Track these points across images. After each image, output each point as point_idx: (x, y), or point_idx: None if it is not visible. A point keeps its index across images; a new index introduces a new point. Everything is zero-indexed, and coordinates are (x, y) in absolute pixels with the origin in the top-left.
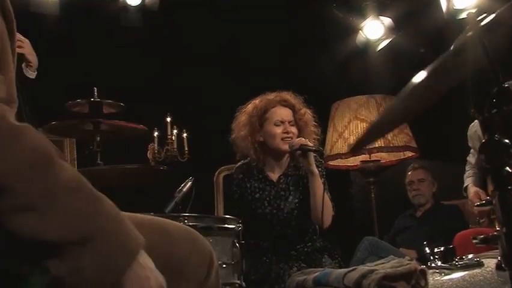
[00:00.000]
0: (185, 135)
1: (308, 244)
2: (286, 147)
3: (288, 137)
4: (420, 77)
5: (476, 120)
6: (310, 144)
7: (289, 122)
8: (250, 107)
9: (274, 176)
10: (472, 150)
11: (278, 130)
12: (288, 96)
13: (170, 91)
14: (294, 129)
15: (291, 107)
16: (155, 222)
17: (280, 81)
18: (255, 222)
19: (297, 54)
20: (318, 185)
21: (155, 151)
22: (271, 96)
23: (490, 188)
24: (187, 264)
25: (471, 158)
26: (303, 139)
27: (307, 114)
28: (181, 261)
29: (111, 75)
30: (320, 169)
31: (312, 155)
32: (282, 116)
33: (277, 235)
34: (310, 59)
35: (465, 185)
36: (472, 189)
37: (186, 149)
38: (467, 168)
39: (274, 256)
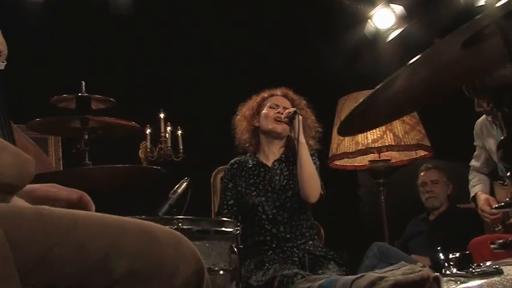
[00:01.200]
0: (180, 132)
1: (309, 239)
2: (278, 129)
3: (281, 118)
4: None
5: (482, 117)
6: (293, 109)
7: (285, 108)
8: (253, 96)
9: (268, 161)
10: (476, 153)
11: (272, 112)
12: (290, 91)
13: (164, 85)
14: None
15: (291, 99)
16: (143, 229)
17: (284, 75)
18: (249, 212)
19: (300, 45)
20: (305, 153)
21: (148, 150)
22: (274, 89)
23: (499, 193)
24: (176, 276)
25: (475, 162)
26: (292, 108)
27: (308, 110)
28: (170, 271)
29: (100, 68)
30: (313, 158)
31: (297, 122)
32: (278, 102)
33: (272, 225)
34: (315, 51)
35: (472, 194)
36: (482, 197)
37: (181, 147)
38: (471, 176)
39: (277, 262)
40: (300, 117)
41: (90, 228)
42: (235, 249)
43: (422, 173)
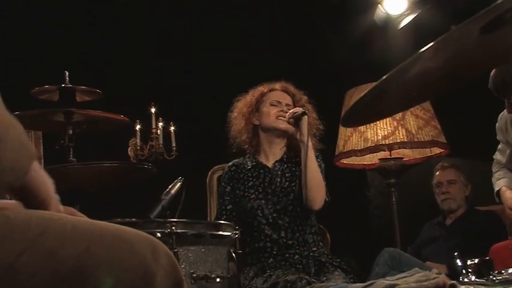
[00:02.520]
0: (172, 128)
1: (313, 245)
2: (282, 125)
3: (284, 117)
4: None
5: (505, 110)
6: (301, 109)
7: (286, 105)
8: (250, 91)
9: (268, 162)
10: (500, 146)
11: (274, 110)
12: (289, 85)
13: (156, 76)
14: None
15: (291, 94)
16: (118, 235)
17: (285, 66)
18: (248, 216)
19: (303, 33)
20: (312, 159)
21: (138, 147)
22: (273, 82)
23: None
24: (152, 286)
25: (499, 156)
26: (298, 108)
27: (309, 106)
28: (146, 281)
29: (85, 57)
30: (318, 160)
31: (304, 124)
32: (279, 98)
33: (273, 230)
34: (319, 39)
35: (497, 188)
36: (509, 194)
37: (174, 144)
38: (495, 168)
39: (279, 269)
40: (306, 117)
41: (61, 235)
42: (234, 255)
43: (437, 173)
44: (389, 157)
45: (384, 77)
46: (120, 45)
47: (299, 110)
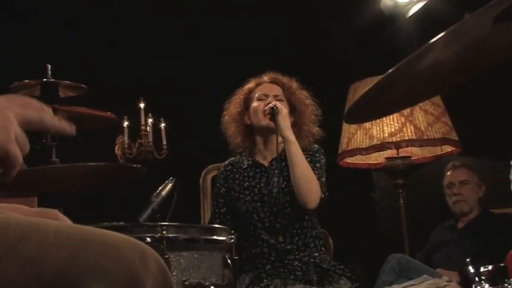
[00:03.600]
0: (163, 125)
1: (314, 251)
2: (265, 122)
3: None
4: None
5: None
6: (277, 104)
7: (275, 96)
8: (238, 90)
9: (265, 161)
10: None
11: (261, 105)
12: (278, 74)
13: (144, 69)
14: (282, 104)
15: (281, 84)
16: (104, 240)
17: (285, 58)
18: (243, 219)
19: (303, 23)
20: (295, 152)
21: (125, 146)
22: (260, 76)
23: None
24: None
25: None
26: (274, 102)
27: (302, 92)
28: None
29: (69, 49)
30: (317, 155)
31: (283, 116)
32: (266, 90)
33: (270, 234)
34: (321, 29)
35: None
36: None
37: (164, 143)
38: None
39: (277, 278)
40: (285, 110)
41: (42, 240)
42: (229, 261)
43: (448, 172)
44: (396, 156)
45: (391, 69)
46: (106, 36)
47: (273, 104)
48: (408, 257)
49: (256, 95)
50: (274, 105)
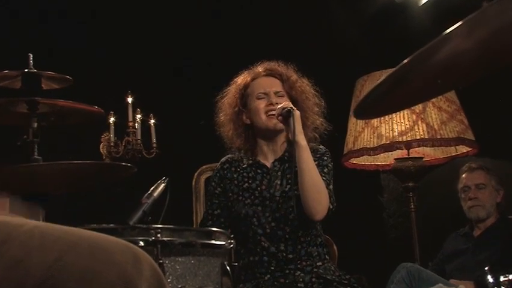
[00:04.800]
0: (152, 121)
1: (317, 260)
2: (273, 123)
3: (274, 110)
4: None
5: None
6: (290, 105)
7: (275, 93)
8: (232, 85)
9: (267, 161)
10: None
11: (261, 104)
12: (274, 65)
13: (133, 61)
14: (283, 101)
15: (278, 76)
16: (94, 242)
17: (286, 49)
18: (241, 225)
19: (307, 12)
20: (307, 158)
21: (111, 144)
22: (254, 67)
23: None
24: None
25: None
26: (286, 102)
27: (302, 81)
28: None
29: (52, 39)
30: (324, 158)
31: (297, 119)
32: (265, 87)
33: (271, 242)
34: (325, 18)
35: None
36: None
37: (154, 141)
38: None
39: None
40: (298, 113)
41: (27, 243)
42: (228, 268)
43: (464, 175)
44: (407, 157)
45: (404, 61)
46: (92, 24)
47: (286, 105)
48: (419, 267)
49: (255, 93)
50: (291, 108)
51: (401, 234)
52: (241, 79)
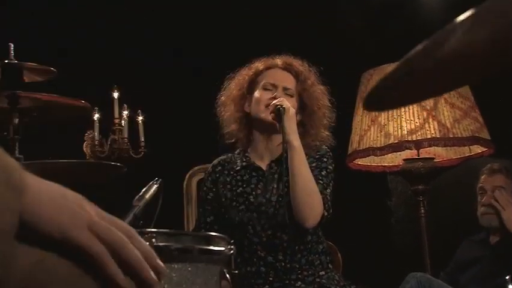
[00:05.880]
0: (140, 118)
1: (320, 269)
2: (269, 117)
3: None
4: None
5: None
6: (285, 104)
7: (284, 89)
8: (244, 68)
9: (263, 163)
10: None
11: (265, 95)
12: (294, 61)
13: (120, 53)
14: (290, 101)
15: (294, 73)
16: None
17: (287, 41)
18: (236, 232)
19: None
20: (299, 160)
21: (96, 142)
22: (273, 57)
23: None
24: None
25: None
26: (282, 98)
27: (318, 88)
28: None
29: (34, 28)
30: (324, 159)
31: (289, 117)
32: (276, 79)
33: (268, 251)
34: (328, 7)
35: None
36: None
37: (142, 139)
38: None
39: None
40: (292, 110)
41: None
42: (228, 276)
43: (482, 177)
44: (416, 157)
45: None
46: (76, 12)
47: (282, 103)
48: (430, 277)
49: (263, 81)
50: (281, 106)
51: (410, 241)
52: (255, 64)
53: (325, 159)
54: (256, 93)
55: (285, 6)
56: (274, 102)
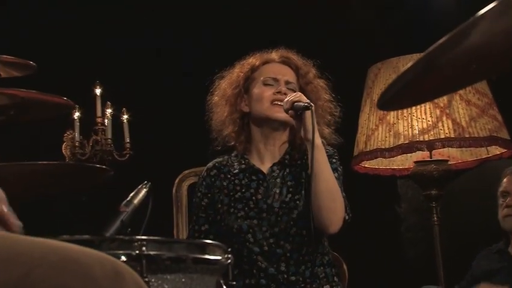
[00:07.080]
0: (125, 117)
1: (325, 282)
2: (279, 114)
3: (282, 100)
4: None
5: None
6: (305, 100)
7: (286, 83)
8: (237, 66)
9: (263, 165)
10: None
11: (268, 91)
12: (292, 54)
13: (102, 46)
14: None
15: (294, 67)
16: (69, 256)
17: (286, 32)
18: (234, 241)
19: None
20: (323, 161)
21: (76, 144)
22: (267, 52)
23: None
24: None
25: None
26: (298, 93)
27: (318, 82)
28: None
29: (12, 20)
30: (333, 160)
31: (308, 118)
32: (276, 73)
33: (269, 262)
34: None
35: None
36: None
37: (127, 140)
38: None
39: None
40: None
41: None
42: (225, 287)
43: (505, 179)
44: (429, 159)
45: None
46: (56, 3)
47: (301, 99)
48: None
49: (262, 77)
50: (307, 103)
51: (422, 251)
52: (249, 60)
53: (333, 160)
54: (256, 90)
55: None
56: (290, 98)
